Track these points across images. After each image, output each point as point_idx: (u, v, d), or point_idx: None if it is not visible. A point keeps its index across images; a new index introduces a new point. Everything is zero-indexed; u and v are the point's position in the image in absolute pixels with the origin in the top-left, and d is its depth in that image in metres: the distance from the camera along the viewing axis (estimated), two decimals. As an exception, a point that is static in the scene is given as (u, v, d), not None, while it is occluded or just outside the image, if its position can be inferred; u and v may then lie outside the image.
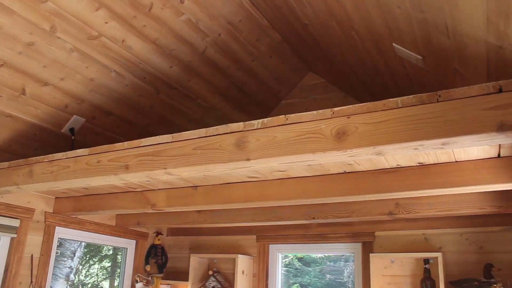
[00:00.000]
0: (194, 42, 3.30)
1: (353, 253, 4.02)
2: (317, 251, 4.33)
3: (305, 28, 3.28)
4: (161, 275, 4.55)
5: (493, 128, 1.52)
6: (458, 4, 1.92)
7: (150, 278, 4.40)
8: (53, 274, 3.80)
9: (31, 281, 3.43)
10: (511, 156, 2.20)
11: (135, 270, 4.45)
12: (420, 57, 2.66)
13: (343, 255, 4.34)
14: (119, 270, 4.57)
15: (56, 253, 3.78)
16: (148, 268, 4.51)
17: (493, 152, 2.16)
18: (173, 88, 3.61)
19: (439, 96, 1.63)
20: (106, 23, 2.81)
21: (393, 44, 2.70)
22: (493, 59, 2.19)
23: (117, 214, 4.30)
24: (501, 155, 2.20)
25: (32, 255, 3.47)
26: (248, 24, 3.40)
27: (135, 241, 4.54)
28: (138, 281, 4.17)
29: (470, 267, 3.43)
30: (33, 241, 3.50)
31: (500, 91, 1.54)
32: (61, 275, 4.54)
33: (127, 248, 4.50)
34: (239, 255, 4.17)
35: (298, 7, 2.99)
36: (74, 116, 3.30)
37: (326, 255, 4.50)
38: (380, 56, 3.02)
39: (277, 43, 3.76)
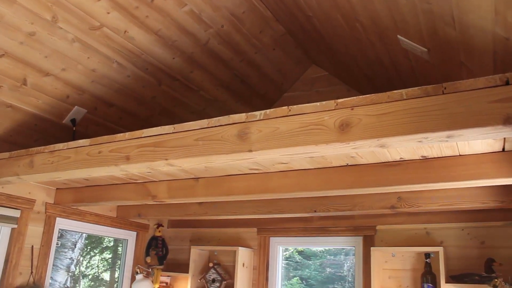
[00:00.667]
0: (197, 33, 3.27)
1: (354, 246, 4.01)
2: (318, 245, 4.33)
3: (308, 20, 3.25)
4: (161, 266, 4.55)
5: (499, 121, 1.50)
6: (465, -5, 1.90)
7: (150, 270, 4.40)
8: (53, 265, 3.80)
9: (31, 272, 3.43)
10: (516, 150, 2.18)
11: (136, 262, 4.46)
12: (425, 49, 2.64)
13: (343, 248, 4.33)
14: (119, 261, 4.57)
15: (57, 244, 3.78)
16: (148, 259, 4.51)
17: (497, 146, 2.14)
18: (175, 79, 3.59)
19: (445, 88, 1.61)
20: (108, 13, 2.79)
21: (398, 36, 2.67)
22: (500, 51, 2.16)
23: (118, 206, 4.29)
24: (506, 149, 2.17)
25: (32, 246, 3.47)
26: (252, 16, 3.37)
27: (135, 232, 4.54)
28: (139, 272, 4.17)
29: (471, 261, 3.42)
30: (34, 232, 3.50)
31: (507, 83, 1.51)
32: (61, 266, 4.55)
33: (127, 240, 4.50)
34: (240, 248, 4.17)
35: (302, -2, 2.96)
36: (76, 107, 3.29)
37: (327, 248, 4.50)
38: (384, 48, 2.99)
39: (280, 35, 3.73)
